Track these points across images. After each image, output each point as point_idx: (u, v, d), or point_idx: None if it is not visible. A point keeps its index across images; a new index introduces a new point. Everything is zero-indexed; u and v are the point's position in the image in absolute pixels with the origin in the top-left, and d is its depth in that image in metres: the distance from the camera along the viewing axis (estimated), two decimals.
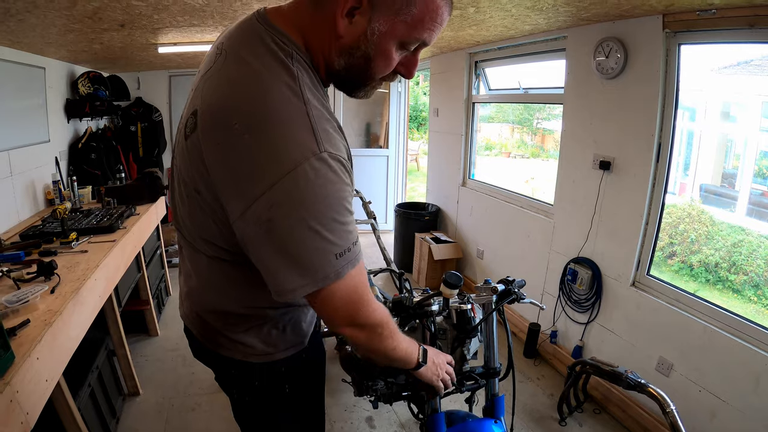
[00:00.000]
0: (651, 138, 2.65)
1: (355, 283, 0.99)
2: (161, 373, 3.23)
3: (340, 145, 0.93)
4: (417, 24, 0.90)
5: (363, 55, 0.94)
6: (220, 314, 1.21)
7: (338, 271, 0.93)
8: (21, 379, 1.44)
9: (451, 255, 4.64)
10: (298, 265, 0.92)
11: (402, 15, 0.89)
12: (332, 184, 0.88)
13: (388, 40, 0.92)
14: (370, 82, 1.02)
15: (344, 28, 0.91)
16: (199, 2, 2.50)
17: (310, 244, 0.90)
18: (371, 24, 0.90)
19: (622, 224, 2.88)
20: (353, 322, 1.05)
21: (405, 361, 1.25)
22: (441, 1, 0.91)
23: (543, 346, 3.49)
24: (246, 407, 1.38)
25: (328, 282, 0.94)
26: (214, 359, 1.30)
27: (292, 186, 0.85)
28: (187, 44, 3.71)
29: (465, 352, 1.59)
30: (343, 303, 1.00)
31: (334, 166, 0.89)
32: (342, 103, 6.51)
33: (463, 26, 3.22)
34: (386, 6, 0.88)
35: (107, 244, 2.64)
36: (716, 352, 2.34)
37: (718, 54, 2.95)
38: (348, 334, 1.08)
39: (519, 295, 1.62)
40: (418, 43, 0.96)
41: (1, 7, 2.22)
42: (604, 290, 3.02)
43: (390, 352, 1.18)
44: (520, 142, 10.30)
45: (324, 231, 0.89)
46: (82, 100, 4.33)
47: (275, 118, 0.87)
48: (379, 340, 1.13)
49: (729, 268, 3.50)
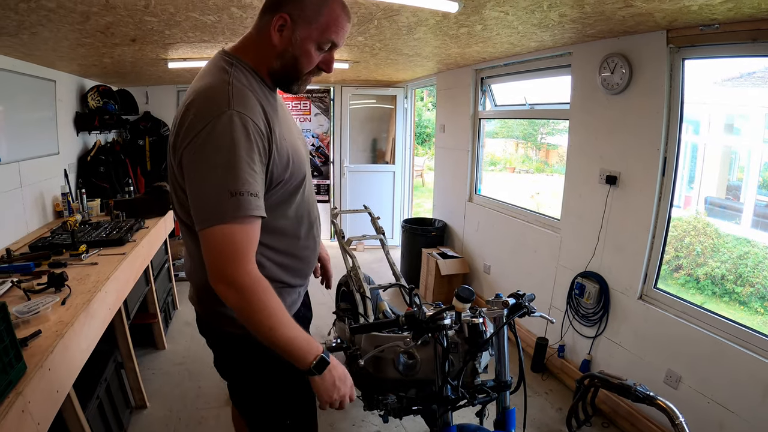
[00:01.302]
0: (657, 152, 2.66)
1: (235, 234, 1.14)
2: (168, 387, 3.22)
3: (256, 111, 1.20)
4: (325, 29, 1.25)
5: (291, 56, 1.28)
6: (198, 285, 1.42)
7: (224, 212, 1.12)
8: (33, 389, 1.44)
9: (458, 270, 4.63)
10: (198, 200, 1.16)
11: (314, 24, 1.24)
12: (233, 133, 1.14)
13: (308, 43, 1.26)
14: (300, 77, 1.34)
15: (277, 39, 1.25)
16: (211, 19, 2.54)
17: (208, 181, 1.14)
18: (294, 33, 1.24)
19: (628, 238, 2.88)
20: (226, 277, 1.15)
21: (291, 355, 1.22)
22: (340, 11, 1.27)
23: (551, 360, 3.46)
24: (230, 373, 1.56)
25: (213, 222, 1.13)
26: (206, 330, 1.53)
27: (204, 135, 1.14)
28: (197, 60, 3.77)
29: (476, 366, 1.59)
30: (220, 250, 1.15)
31: (238, 122, 1.15)
32: (349, 121, 6.59)
33: (470, 43, 3.26)
34: (303, 20, 1.23)
35: (117, 257, 2.65)
36: (724, 363, 2.32)
37: (721, 67, 2.98)
38: (221, 291, 1.17)
39: (530, 308, 1.62)
40: (330, 44, 1.29)
41: (15, 20, 2.27)
42: (611, 304, 3.01)
43: (266, 332, 1.18)
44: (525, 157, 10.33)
45: (221, 170, 1.13)
46: (92, 114, 4.38)
47: (205, 95, 1.20)
48: (250, 309, 1.17)
49: (735, 280, 3.49)
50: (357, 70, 4.89)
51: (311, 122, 6.64)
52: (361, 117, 6.91)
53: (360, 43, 3.30)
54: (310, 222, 1.50)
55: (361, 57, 4.01)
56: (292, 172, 1.33)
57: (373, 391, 1.88)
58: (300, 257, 1.48)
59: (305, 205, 1.46)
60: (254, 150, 1.17)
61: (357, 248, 6.38)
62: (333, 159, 6.73)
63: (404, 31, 2.90)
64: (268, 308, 1.18)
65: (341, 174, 6.69)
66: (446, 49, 3.55)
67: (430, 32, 2.95)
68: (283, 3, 1.23)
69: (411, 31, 2.91)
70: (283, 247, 1.41)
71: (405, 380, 1.78)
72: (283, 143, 1.30)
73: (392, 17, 2.56)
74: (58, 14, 2.21)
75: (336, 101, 6.57)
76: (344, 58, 4.13)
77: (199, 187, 1.16)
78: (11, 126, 3.10)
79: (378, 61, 4.22)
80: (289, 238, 1.43)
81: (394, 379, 1.79)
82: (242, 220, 1.14)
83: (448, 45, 3.38)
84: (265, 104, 1.26)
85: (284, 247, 1.42)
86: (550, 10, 2.31)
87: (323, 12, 1.23)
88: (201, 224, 1.15)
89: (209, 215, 1.14)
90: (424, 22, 2.67)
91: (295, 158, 1.34)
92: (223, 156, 1.13)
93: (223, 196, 1.12)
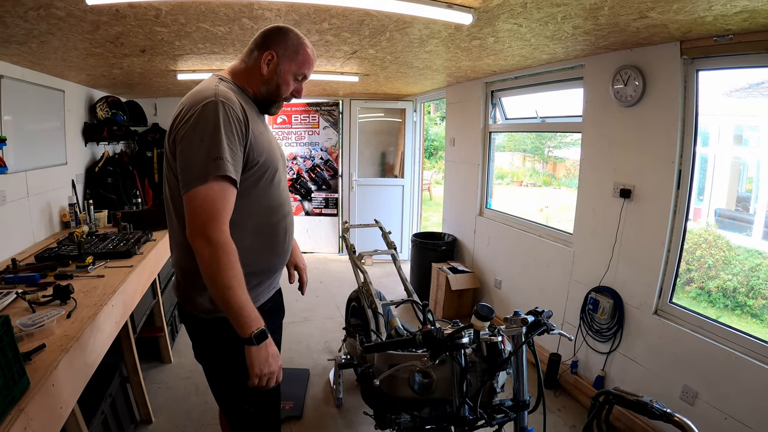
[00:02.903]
0: (671, 165, 2.62)
1: (215, 195, 1.38)
2: (174, 401, 3.16)
3: (236, 104, 1.48)
4: (300, 65, 1.65)
5: (275, 84, 1.64)
6: (184, 271, 1.61)
7: (206, 174, 1.37)
8: (36, 406, 1.41)
9: (469, 285, 4.57)
10: (186, 165, 1.40)
11: (293, 60, 1.63)
12: (217, 114, 1.41)
13: (287, 74, 1.64)
14: (278, 100, 1.69)
15: (265, 70, 1.62)
16: (221, 30, 2.54)
17: (195, 150, 1.39)
18: (279, 66, 1.62)
19: (643, 252, 2.83)
20: (204, 231, 1.36)
21: (238, 319, 1.39)
22: (310, 52, 1.66)
23: (564, 376, 3.39)
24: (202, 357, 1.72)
25: (197, 183, 1.37)
26: (183, 315, 1.70)
27: (195, 116, 1.42)
28: (207, 72, 3.76)
29: (495, 385, 1.54)
30: (202, 209, 1.37)
31: (221, 107, 1.42)
32: (357, 134, 6.59)
33: (481, 56, 3.24)
34: (285, 57, 1.62)
35: (124, 270, 2.62)
36: (741, 378, 2.27)
37: (729, 77, 2.94)
38: (198, 246, 1.37)
39: (549, 326, 1.58)
40: (302, 76, 1.68)
41: (24, 28, 2.26)
42: (625, 319, 2.95)
43: (225, 290, 1.36)
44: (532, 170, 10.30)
45: (206, 141, 1.39)
46: (100, 125, 4.39)
47: (196, 92, 1.50)
48: (218, 266, 1.36)
49: (747, 292, 3.44)
50: (366, 83, 4.88)
51: (320, 135, 6.64)
52: (370, 130, 6.90)
53: (371, 55, 3.29)
54: (283, 215, 1.70)
55: (372, 70, 4.00)
56: (266, 159, 1.57)
57: (386, 409, 1.83)
58: (271, 244, 1.68)
59: (278, 198, 1.67)
60: (233, 130, 1.43)
61: (366, 262, 6.33)
62: (341, 172, 6.72)
63: (416, 43, 2.88)
64: (233, 269, 1.38)
65: (350, 187, 6.66)
66: (457, 62, 3.54)
67: (442, 45, 2.93)
68: (270, 43, 1.61)
69: (423, 44, 2.90)
70: (256, 231, 1.61)
71: (419, 399, 1.72)
72: (260, 137, 1.56)
73: (404, 29, 2.54)
74: (67, 23, 2.21)
75: (345, 114, 6.57)
76: (354, 71, 4.12)
77: (188, 156, 1.41)
78: (19, 135, 3.10)
79: (388, 74, 4.21)
80: (263, 224, 1.63)
81: (408, 398, 1.73)
82: (220, 181, 1.39)
83: (459, 58, 3.37)
84: (246, 107, 1.53)
85: (257, 232, 1.61)
86: (564, 22, 2.29)
87: (300, 52, 1.63)
88: (186, 186, 1.39)
89: (194, 177, 1.38)
90: (437, 35, 2.66)
91: (268, 151, 1.60)
92: (208, 131, 1.40)
93: (206, 161, 1.38)
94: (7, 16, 2.05)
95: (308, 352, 3.94)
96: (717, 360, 2.38)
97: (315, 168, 6.73)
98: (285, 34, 1.62)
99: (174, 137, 1.47)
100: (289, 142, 6.71)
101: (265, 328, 1.42)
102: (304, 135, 6.67)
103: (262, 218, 1.62)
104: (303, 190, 6.77)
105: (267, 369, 1.43)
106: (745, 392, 2.26)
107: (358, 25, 2.48)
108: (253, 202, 1.57)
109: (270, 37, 1.62)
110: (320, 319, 4.60)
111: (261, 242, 1.64)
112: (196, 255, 1.38)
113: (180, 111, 1.49)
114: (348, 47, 3.03)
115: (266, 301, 1.74)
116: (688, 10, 1.97)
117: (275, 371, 1.46)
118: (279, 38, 1.61)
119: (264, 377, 1.44)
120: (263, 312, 1.49)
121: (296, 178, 6.73)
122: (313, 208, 6.83)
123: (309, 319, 4.57)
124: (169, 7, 2.09)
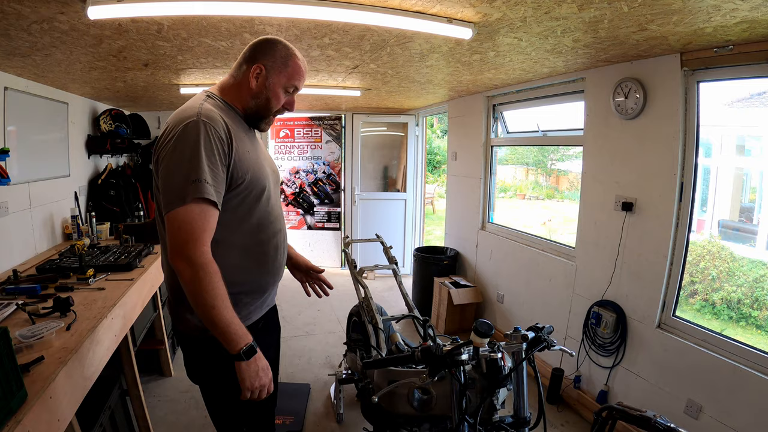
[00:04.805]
0: (673, 177, 2.61)
1: (194, 215, 1.36)
2: (174, 415, 3.13)
3: (219, 124, 1.45)
4: (291, 76, 1.61)
5: (265, 97, 1.61)
6: (172, 289, 1.59)
7: (185, 196, 1.35)
8: (33, 418, 1.39)
9: (471, 299, 4.54)
10: (167, 188, 1.39)
11: (283, 72, 1.59)
12: (198, 134, 1.39)
13: (277, 87, 1.60)
14: (269, 115, 1.66)
15: (254, 84, 1.58)
16: (223, 45, 2.55)
17: (175, 172, 1.38)
18: (268, 80, 1.58)
19: (646, 265, 2.81)
20: (184, 252, 1.35)
21: (225, 337, 1.39)
22: (300, 63, 1.62)
23: (566, 391, 3.35)
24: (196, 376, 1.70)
25: (176, 204, 1.35)
26: (177, 334, 1.67)
27: (176, 137, 1.40)
28: (209, 86, 3.77)
29: (494, 402, 1.51)
30: (181, 230, 1.36)
31: (203, 127, 1.40)
32: (360, 148, 6.60)
33: (482, 70, 3.26)
34: (274, 69, 1.58)
35: (125, 283, 2.61)
36: (746, 391, 2.24)
37: (731, 88, 2.94)
38: (179, 267, 1.36)
39: (550, 342, 1.56)
40: (293, 88, 1.64)
41: (28, 41, 2.29)
42: (629, 333, 2.91)
43: (209, 310, 1.35)
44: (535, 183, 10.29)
45: (185, 162, 1.37)
46: (104, 137, 4.41)
47: (180, 112, 1.48)
48: (200, 286, 1.35)
49: (752, 303, 3.42)
50: (368, 97, 4.90)
51: (322, 149, 6.66)
52: (372, 144, 6.92)
53: (372, 70, 3.31)
54: (273, 232, 1.67)
55: (373, 84, 4.02)
56: (252, 179, 1.54)
57: (386, 426, 1.80)
58: (262, 262, 1.65)
59: (268, 216, 1.65)
60: (214, 150, 1.41)
61: (368, 276, 6.31)
62: (344, 187, 6.72)
63: (416, 58, 2.89)
64: (215, 289, 1.36)
65: (352, 201, 6.65)
66: (458, 76, 3.55)
67: (443, 59, 2.94)
68: (258, 56, 1.58)
69: (423, 59, 2.91)
70: (246, 250, 1.59)
71: (419, 416, 1.70)
72: (246, 155, 1.54)
73: (405, 44, 2.56)
74: (70, 36, 2.23)
75: (347, 128, 6.59)
76: (356, 86, 4.14)
77: (168, 178, 1.40)
78: (23, 146, 3.11)
79: (390, 88, 4.23)
80: (253, 242, 1.61)
81: (408, 415, 1.71)
82: (200, 203, 1.37)
83: (460, 72, 3.38)
84: (230, 122, 1.51)
85: (246, 250, 1.59)
86: (564, 35, 2.30)
87: (289, 63, 1.59)
88: (167, 207, 1.38)
89: (174, 198, 1.36)
90: (437, 49, 2.67)
91: (255, 169, 1.57)
92: (188, 152, 1.38)
93: (185, 183, 1.36)
94: (12, 29, 2.08)
95: (309, 366, 3.91)
96: (721, 373, 2.36)
97: (317, 182, 6.73)
98: (273, 45, 1.59)
99: (157, 158, 1.47)
100: (292, 155, 6.73)
101: (253, 344, 1.43)
102: (307, 149, 6.69)
103: (250, 236, 1.60)
104: (305, 204, 6.77)
105: (258, 382, 1.44)
106: (750, 406, 2.23)
107: (359, 40, 2.49)
108: (240, 221, 1.56)
109: (258, 50, 1.59)
110: (322, 334, 4.57)
111: (251, 260, 1.62)
112: (178, 276, 1.38)
113: (164, 131, 1.49)
114: (349, 62, 3.05)
115: (259, 319, 1.71)
116: (688, 21, 1.97)
117: (266, 384, 1.47)
118: (267, 50, 1.58)
119: (255, 390, 1.45)
120: (256, 330, 1.52)
121: (299, 192, 6.74)
122: (315, 222, 6.83)
123: (311, 334, 4.55)
124: (171, 21, 2.11)
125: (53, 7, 1.81)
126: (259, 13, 1.96)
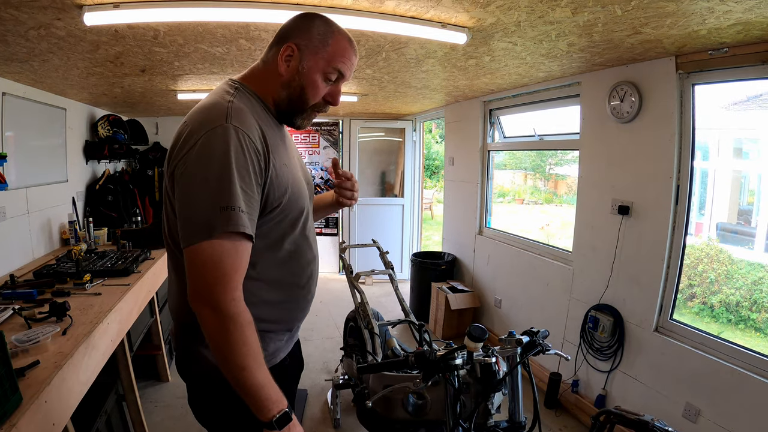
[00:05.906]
0: (669, 180, 2.62)
1: (224, 252, 1.07)
2: (171, 421, 3.12)
3: (253, 129, 1.15)
4: (331, 58, 1.24)
5: (298, 86, 1.25)
6: (183, 325, 1.31)
7: (213, 227, 1.06)
8: (28, 422, 1.39)
9: (468, 304, 4.53)
10: (186, 214, 1.09)
11: (320, 53, 1.23)
12: (228, 145, 1.08)
13: (314, 72, 1.24)
14: (305, 109, 1.30)
15: (284, 69, 1.25)
16: (219, 51, 2.56)
17: (198, 194, 1.08)
18: (301, 63, 1.23)
19: (643, 269, 2.81)
20: (210, 299, 1.07)
21: (255, 402, 1.11)
22: (346, 44, 1.27)
23: (564, 395, 3.34)
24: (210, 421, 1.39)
25: (200, 238, 1.06)
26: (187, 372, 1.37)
27: (199, 147, 1.09)
28: (206, 92, 3.78)
29: (489, 406, 1.51)
30: (207, 270, 1.07)
31: (234, 135, 1.10)
32: (357, 153, 6.62)
33: (478, 74, 3.27)
34: (309, 50, 1.23)
35: (121, 288, 2.61)
36: (745, 394, 2.23)
37: (727, 91, 2.94)
38: (203, 315, 1.08)
39: (544, 346, 1.56)
40: (337, 74, 1.27)
41: (26, 47, 2.29)
42: (626, 337, 2.91)
43: (239, 372, 1.08)
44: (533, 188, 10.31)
45: (212, 182, 1.07)
46: (101, 143, 4.42)
47: (203, 110, 1.16)
48: (229, 342, 1.07)
49: (750, 306, 3.41)
50: (365, 103, 4.92)
51: (320, 155, 6.67)
52: (370, 150, 6.93)
53: (368, 75, 3.32)
54: (307, 261, 1.39)
55: (370, 90, 4.03)
56: (290, 200, 1.26)
57: (382, 430, 1.80)
58: (293, 297, 1.37)
59: (304, 243, 1.36)
60: (248, 166, 1.11)
61: (366, 282, 6.30)
62: None
63: (412, 63, 2.90)
64: (247, 345, 1.08)
65: (349, 207, 6.62)
66: (454, 81, 3.56)
67: (438, 64, 2.95)
68: (290, 34, 1.24)
69: (419, 64, 2.92)
70: (275, 283, 1.31)
71: (414, 420, 1.70)
72: (284, 169, 1.24)
73: (400, 50, 2.57)
74: (67, 42, 2.23)
75: (345, 134, 6.61)
76: (353, 91, 4.16)
77: (188, 200, 1.10)
78: (21, 152, 3.12)
79: (386, 93, 4.25)
80: (284, 274, 1.33)
81: (403, 420, 1.71)
82: (232, 237, 1.08)
83: (456, 77, 3.39)
84: (264, 127, 1.20)
85: (276, 283, 1.31)
86: (559, 39, 2.31)
87: (329, 42, 1.24)
88: (187, 240, 1.08)
89: (197, 230, 1.07)
90: (432, 54, 2.68)
91: (294, 188, 1.28)
92: (216, 169, 1.08)
93: (212, 210, 1.06)
94: (9, 35, 2.08)
95: (307, 371, 3.89)
96: (720, 377, 2.35)
97: (315, 188, 6.71)
98: (309, 20, 1.25)
99: (173, 171, 1.14)
100: None
101: (288, 410, 1.14)
102: (305, 155, 6.70)
103: (282, 267, 1.31)
104: None
105: None
106: (748, 409, 2.22)
107: None
108: (271, 249, 1.27)
109: (291, 26, 1.26)
110: (319, 339, 4.56)
111: (281, 295, 1.34)
112: (201, 324, 1.09)
113: (181, 134, 1.16)
114: None
115: (285, 357, 1.43)
116: (682, 24, 1.98)
117: None
118: (302, 26, 1.24)
119: None
120: (281, 368, 1.33)
121: None
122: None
123: (308, 339, 4.54)
124: (167, 27, 2.12)
125: (50, 13, 1.81)
126: (254, 19, 1.96)
